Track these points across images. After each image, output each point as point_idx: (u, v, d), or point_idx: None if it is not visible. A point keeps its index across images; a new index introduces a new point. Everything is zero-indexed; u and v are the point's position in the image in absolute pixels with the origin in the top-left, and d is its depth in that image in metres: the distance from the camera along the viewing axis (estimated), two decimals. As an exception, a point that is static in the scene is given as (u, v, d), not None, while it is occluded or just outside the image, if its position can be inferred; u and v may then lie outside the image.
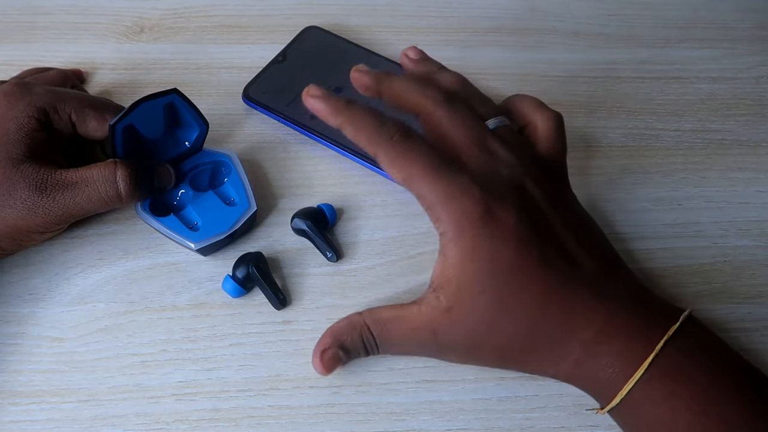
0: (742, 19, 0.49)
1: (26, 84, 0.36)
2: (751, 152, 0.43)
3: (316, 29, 0.46)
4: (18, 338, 0.35)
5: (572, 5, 0.50)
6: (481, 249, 0.29)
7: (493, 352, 0.31)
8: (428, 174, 0.29)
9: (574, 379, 0.31)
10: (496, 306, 0.29)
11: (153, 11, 0.49)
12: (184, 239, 0.36)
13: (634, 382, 0.28)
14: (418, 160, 0.30)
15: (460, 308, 0.30)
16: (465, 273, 0.29)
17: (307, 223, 0.37)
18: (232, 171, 0.39)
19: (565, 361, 0.30)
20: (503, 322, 0.30)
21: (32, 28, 0.47)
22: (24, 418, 0.33)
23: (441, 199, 0.29)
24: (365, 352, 0.32)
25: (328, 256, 0.37)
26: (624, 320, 0.29)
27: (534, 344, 0.30)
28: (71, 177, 0.34)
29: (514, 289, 0.29)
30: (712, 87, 0.46)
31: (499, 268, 0.29)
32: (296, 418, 0.33)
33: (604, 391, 0.30)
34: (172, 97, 0.35)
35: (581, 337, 0.29)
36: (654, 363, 0.28)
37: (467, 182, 0.29)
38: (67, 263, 0.37)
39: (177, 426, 0.33)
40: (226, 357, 0.34)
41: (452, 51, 0.47)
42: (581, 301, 0.29)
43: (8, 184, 0.33)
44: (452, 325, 0.30)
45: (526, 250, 0.29)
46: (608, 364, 0.29)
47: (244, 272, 0.35)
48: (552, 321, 0.29)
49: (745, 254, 0.38)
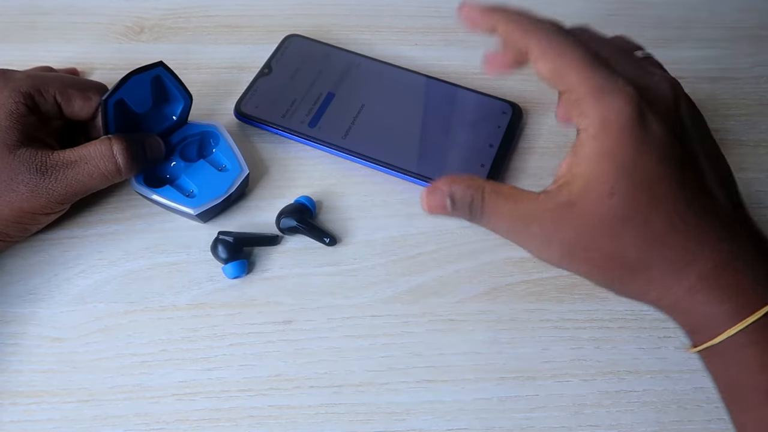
0: (742, 19, 0.49)
1: (5, 71, 0.36)
2: (751, 152, 0.43)
3: (296, 37, 0.46)
4: (18, 338, 0.35)
5: (572, 5, 0.50)
6: (623, 150, 0.27)
7: (600, 260, 0.29)
8: (582, 65, 0.28)
9: (678, 309, 0.29)
10: (622, 211, 0.27)
11: (153, 11, 0.49)
12: (183, 206, 0.37)
13: (748, 323, 0.27)
14: (572, 51, 0.28)
15: (583, 205, 0.28)
16: (598, 170, 0.28)
17: (295, 218, 0.37)
18: (220, 140, 0.40)
19: (677, 288, 0.28)
20: (625, 230, 0.28)
21: (32, 28, 0.47)
22: (24, 418, 0.33)
23: (592, 92, 0.28)
24: (468, 214, 0.30)
25: (327, 242, 0.38)
26: (750, 261, 0.28)
27: (648, 262, 0.28)
28: (69, 156, 0.34)
29: (646, 200, 0.28)
30: (712, 87, 0.46)
31: (636, 174, 0.27)
32: (296, 418, 0.33)
33: (707, 326, 0.28)
34: (159, 70, 0.37)
35: (701, 266, 0.28)
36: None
37: (622, 82, 0.28)
38: (67, 263, 0.37)
39: (177, 426, 0.33)
40: (226, 357, 0.34)
41: (452, 51, 0.47)
42: (711, 232, 0.28)
43: (8, 169, 0.33)
44: (568, 220, 0.28)
45: (668, 166, 0.28)
46: (725, 299, 0.27)
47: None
48: (676, 243, 0.28)
49: (745, 254, 0.38)
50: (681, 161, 0.28)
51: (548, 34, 0.29)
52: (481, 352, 0.35)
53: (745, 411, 0.28)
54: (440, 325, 0.36)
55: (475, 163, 0.40)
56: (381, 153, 0.40)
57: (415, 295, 0.37)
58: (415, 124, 0.42)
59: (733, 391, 0.29)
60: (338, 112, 0.42)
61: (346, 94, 0.43)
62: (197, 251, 0.38)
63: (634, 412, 0.33)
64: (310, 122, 0.42)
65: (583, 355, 0.35)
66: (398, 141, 0.41)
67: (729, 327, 0.27)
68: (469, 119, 0.42)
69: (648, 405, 0.34)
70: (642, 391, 0.34)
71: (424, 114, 0.42)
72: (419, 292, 0.37)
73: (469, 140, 0.41)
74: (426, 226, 0.39)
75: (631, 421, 0.33)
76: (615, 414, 0.33)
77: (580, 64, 0.28)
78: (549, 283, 0.36)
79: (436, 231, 0.38)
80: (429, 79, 0.44)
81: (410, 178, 0.40)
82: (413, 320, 0.36)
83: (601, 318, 0.36)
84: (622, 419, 0.33)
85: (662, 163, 0.28)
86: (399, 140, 0.41)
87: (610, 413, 0.33)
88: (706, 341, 0.28)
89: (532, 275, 0.37)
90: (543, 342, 0.35)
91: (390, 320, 0.36)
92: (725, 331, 0.27)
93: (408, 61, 0.45)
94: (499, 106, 0.42)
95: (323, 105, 0.42)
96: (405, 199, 0.40)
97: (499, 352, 0.35)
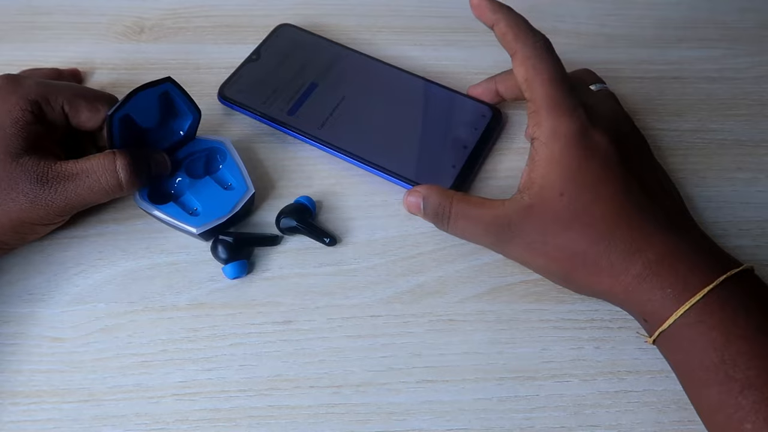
0: (742, 19, 0.49)
1: (16, 78, 0.36)
2: (751, 152, 0.43)
3: (289, 27, 0.46)
4: (18, 338, 0.35)
5: (572, 5, 0.50)
6: (569, 157, 0.32)
7: (556, 252, 0.33)
8: (551, 83, 0.33)
9: (628, 298, 0.32)
10: (572, 209, 0.32)
11: (153, 11, 0.49)
12: (185, 225, 0.36)
13: (692, 303, 0.29)
14: (549, 68, 0.33)
15: (540, 205, 0.32)
16: (549, 175, 0.32)
17: (295, 218, 0.37)
18: (227, 157, 0.39)
19: (625, 276, 0.31)
20: (574, 225, 0.32)
21: (32, 28, 0.47)
22: (24, 418, 0.33)
23: (549, 106, 0.32)
24: (435, 219, 0.36)
25: (327, 242, 0.37)
26: (690, 251, 0.31)
27: (598, 255, 0.32)
28: (71, 168, 0.34)
29: (592, 198, 0.32)
30: (712, 87, 0.46)
31: (581, 178, 0.32)
32: (296, 418, 0.33)
33: (657, 312, 0.30)
34: (167, 86, 0.36)
35: (646, 256, 0.31)
36: (713, 291, 0.29)
37: (577, 105, 0.33)
38: (67, 263, 0.37)
39: (177, 426, 0.33)
40: (226, 357, 0.34)
41: (452, 51, 0.47)
42: (653, 225, 0.32)
43: (9, 178, 0.33)
44: (527, 218, 0.33)
45: (610, 169, 0.32)
46: (668, 284, 0.30)
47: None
48: (621, 235, 0.31)
49: (745, 254, 0.38)
50: (620, 167, 0.33)
51: (535, 47, 0.33)
52: (481, 352, 0.35)
53: (698, 389, 0.30)
54: (440, 325, 0.36)
55: (446, 164, 0.40)
56: (353, 146, 0.40)
57: (415, 295, 0.37)
58: (391, 120, 0.42)
59: (686, 373, 0.31)
60: (318, 102, 0.42)
61: (329, 85, 0.43)
62: (197, 251, 0.38)
63: (634, 412, 0.33)
64: (290, 110, 0.42)
65: (583, 355, 0.35)
66: (371, 135, 0.41)
67: (675, 310, 0.30)
68: (446, 120, 0.42)
69: (648, 405, 0.34)
70: (642, 391, 0.34)
71: (402, 111, 0.42)
72: (419, 292, 0.37)
73: (444, 141, 0.41)
74: (426, 226, 0.39)
75: (631, 421, 0.33)
76: (615, 414, 0.33)
77: (548, 81, 0.33)
78: (549, 283, 0.36)
79: (436, 231, 0.38)
80: (413, 78, 0.44)
81: (375, 171, 0.40)
82: (413, 320, 0.36)
83: (601, 318, 0.36)
84: (622, 419, 0.33)
85: (606, 168, 0.32)
86: (372, 134, 0.41)
87: (610, 413, 0.33)
88: (657, 328, 0.31)
89: (531, 275, 0.37)
90: (543, 342, 0.35)
91: (390, 320, 0.36)
92: (672, 315, 0.30)
93: (407, 60, 0.45)
94: (479, 109, 0.42)
95: (304, 94, 0.42)
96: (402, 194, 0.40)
97: (499, 352, 0.35)
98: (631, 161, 0.34)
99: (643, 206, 0.32)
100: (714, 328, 0.29)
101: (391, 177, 0.39)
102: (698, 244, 0.32)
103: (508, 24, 0.34)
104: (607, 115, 0.35)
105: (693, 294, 0.29)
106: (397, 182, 0.39)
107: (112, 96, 0.38)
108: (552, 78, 0.33)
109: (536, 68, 0.33)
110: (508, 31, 0.34)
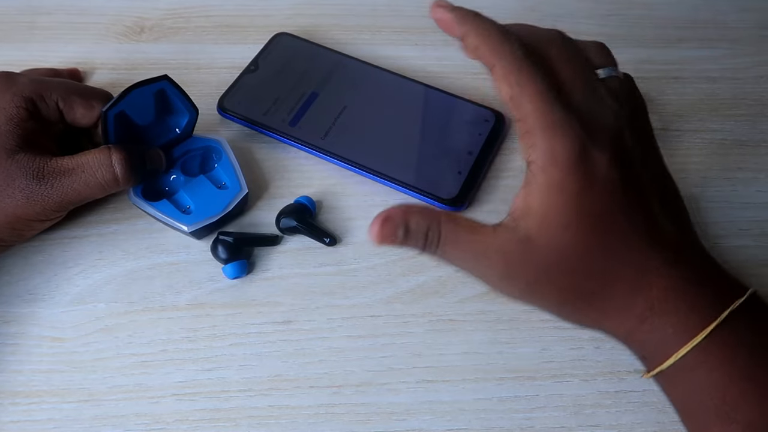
0: (742, 19, 0.49)
1: (10, 75, 0.36)
2: (751, 152, 0.43)
3: (286, 35, 0.46)
4: (18, 338, 0.35)
5: (572, 5, 0.50)
6: (570, 184, 0.28)
7: (559, 292, 0.30)
8: (538, 97, 0.28)
9: (630, 336, 0.30)
10: (577, 245, 0.28)
11: (153, 11, 0.49)
12: (177, 222, 0.36)
13: (693, 344, 0.28)
14: (533, 80, 0.29)
15: (540, 240, 0.28)
16: (551, 205, 0.28)
17: (295, 218, 0.37)
18: (222, 156, 0.39)
19: (627, 316, 0.29)
20: (580, 265, 0.29)
21: (32, 28, 0.47)
22: (24, 418, 0.33)
23: (543, 126, 0.28)
24: (422, 245, 0.30)
25: (327, 242, 0.38)
26: (693, 286, 0.29)
27: (602, 293, 0.29)
28: (67, 164, 0.34)
29: (599, 234, 0.29)
30: (712, 87, 0.46)
31: (585, 208, 0.28)
32: (296, 418, 0.33)
33: (658, 351, 0.29)
34: (163, 84, 0.36)
35: (649, 294, 0.29)
36: (716, 330, 0.28)
37: (571, 117, 0.29)
38: (67, 263, 0.37)
39: (177, 426, 0.33)
40: (226, 357, 0.34)
41: (452, 51, 0.47)
42: (657, 260, 0.29)
43: (5, 174, 0.33)
44: (526, 255, 0.29)
45: (613, 200, 0.29)
46: (669, 324, 0.29)
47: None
48: (626, 273, 0.29)
49: (745, 254, 0.38)
50: (626, 193, 0.29)
51: (513, 58, 0.29)
52: (481, 352, 0.35)
53: (698, 428, 0.29)
54: (440, 325, 0.36)
55: (452, 171, 0.40)
56: (357, 155, 0.40)
57: (415, 295, 0.37)
58: (394, 128, 0.41)
59: (687, 412, 0.30)
60: (320, 112, 0.42)
61: (330, 95, 0.43)
62: (197, 251, 0.38)
63: (634, 412, 0.33)
64: (291, 121, 0.41)
65: (583, 355, 0.35)
66: (375, 144, 0.41)
67: (675, 351, 0.28)
68: (450, 126, 0.42)
69: (648, 405, 0.34)
70: (642, 391, 0.34)
71: (405, 119, 0.42)
72: (419, 292, 0.37)
73: (448, 147, 0.41)
74: (426, 226, 0.39)
75: (631, 421, 0.33)
76: (615, 414, 0.33)
77: (537, 97, 0.28)
78: (549, 283, 0.36)
79: (436, 231, 0.38)
80: (414, 84, 0.44)
81: (383, 181, 0.40)
82: (413, 320, 0.36)
83: (601, 318, 0.36)
84: (622, 419, 0.33)
85: (609, 196, 0.29)
86: (376, 143, 0.41)
87: (610, 413, 0.33)
88: (657, 366, 0.29)
89: (532, 275, 0.36)
90: (543, 342, 0.35)
91: (390, 320, 0.36)
92: (672, 356, 0.28)
93: (407, 61, 0.45)
94: (482, 114, 0.42)
95: (305, 104, 0.42)
96: (405, 200, 0.40)
97: (499, 352, 0.35)
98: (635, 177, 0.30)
99: (648, 237, 0.29)
100: (715, 369, 0.28)
101: (399, 187, 0.39)
102: (702, 269, 0.30)
103: (479, 35, 0.30)
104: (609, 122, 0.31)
105: (694, 335, 0.28)
106: (405, 191, 0.39)
107: (107, 93, 0.38)
108: (538, 90, 0.29)
109: (521, 85, 0.29)
110: (481, 44, 0.30)
